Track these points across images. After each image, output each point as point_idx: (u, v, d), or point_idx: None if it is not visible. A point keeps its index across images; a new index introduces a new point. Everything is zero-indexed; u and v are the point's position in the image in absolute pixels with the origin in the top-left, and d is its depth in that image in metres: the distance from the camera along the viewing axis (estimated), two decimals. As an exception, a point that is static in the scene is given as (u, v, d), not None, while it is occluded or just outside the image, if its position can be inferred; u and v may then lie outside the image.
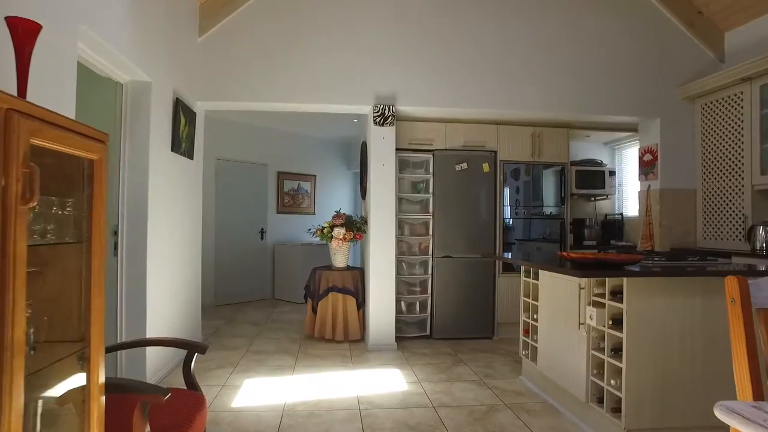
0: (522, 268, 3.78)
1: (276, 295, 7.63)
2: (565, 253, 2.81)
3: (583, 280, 2.77)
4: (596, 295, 2.69)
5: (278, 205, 7.83)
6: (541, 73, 4.87)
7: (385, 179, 4.71)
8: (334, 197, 8.75)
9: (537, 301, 3.51)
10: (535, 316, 3.54)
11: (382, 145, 4.71)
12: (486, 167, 5.12)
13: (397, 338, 4.79)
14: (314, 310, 5.04)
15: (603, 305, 2.62)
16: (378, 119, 4.66)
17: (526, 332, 3.70)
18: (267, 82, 4.59)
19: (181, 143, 4.06)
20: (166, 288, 3.82)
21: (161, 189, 3.66)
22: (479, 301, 5.10)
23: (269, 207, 7.70)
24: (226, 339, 4.99)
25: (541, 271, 3.43)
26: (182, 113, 4.03)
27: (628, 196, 6.09)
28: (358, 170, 9.10)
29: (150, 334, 3.46)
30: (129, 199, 3.41)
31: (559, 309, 3.11)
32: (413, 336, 5.08)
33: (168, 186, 3.83)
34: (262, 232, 7.54)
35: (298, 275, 7.15)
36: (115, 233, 3.39)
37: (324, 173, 8.62)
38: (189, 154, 4.30)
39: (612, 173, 5.78)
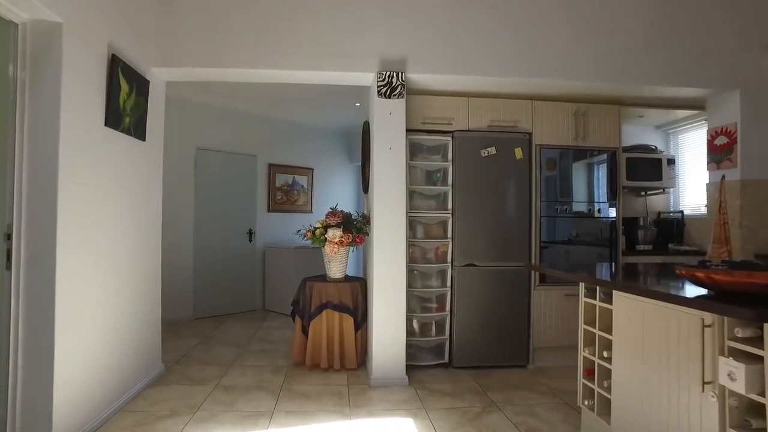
0: (581, 284, 2.74)
1: (266, 306, 6.63)
2: (686, 270, 1.78)
3: (710, 315, 1.74)
4: (741, 339, 1.66)
5: (269, 202, 6.83)
6: (594, 32, 3.83)
7: (393, 167, 3.69)
8: (335, 194, 7.73)
9: (607, 331, 2.48)
10: (605, 354, 2.51)
11: (388, 122, 3.69)
12: (519, 153, 4.09)
13: (408, 366, 3.77)
14: (305, 332, 4.04)
15: (758, 358, 1.59)
16: (383, 90, 3.64)
17: (589, 374, 2.67)
18: (241, 43, 3.58)
19: (123, 117, 3.06)
20: (94, 310, 2.82)
21: (84, 177, 2.67)
22: (510, 321, 4.07)
23: (259, 204, 6.70)
24: (194, 368, 3.99)
25: (616, 292, 2.40)
26: (123, 77, 3.03)
27: (685, 188, 5.04)
28: (359, 163, 8.10)
29: (63, 375, 2.46)
30: (29, 190, 2.41)
31: (656, 351, 2.08)
32: (428, 365, 4.05)
33: (99, 173, 2.84)
34: (251, 233, 6.54)
35: (291, 283, 6.12)
36: (8, 237, 2.39)
37: (323, 166, 7.61)
38: (138, 132, 3.30)
39: (671, 162, 4.72)
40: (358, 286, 4.05)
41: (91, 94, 2.74)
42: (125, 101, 3.07)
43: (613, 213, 4.29)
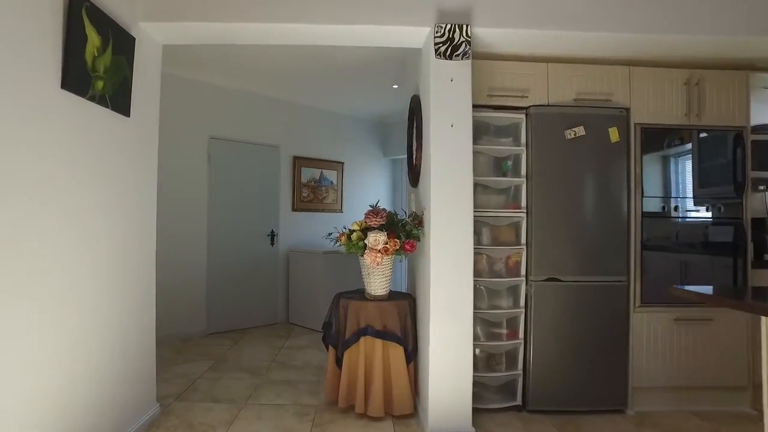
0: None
1: (291, 319, 5.79)
2: None
3: None
4: None
5: (294, 200, 5.99)
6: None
7: (456, 151, 2.78)
8: (368, 191, 6.87)
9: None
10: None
11: (449, 92, 2.79)
12: (614, 134, 3.13)
13: (472, 410, 2.86)
14: (338, 363, 3.17)
15: None
16: (442, 48, 2.74)
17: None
18: (256, -12, 2.73)
19: (91, 80, 2.24)
20: (52, 336, 2.00)
21: (18, 161, 1.85)
22: (603, 352, 3.12)
23: (282, 203, 5.87)
24: (197, 407, 3.16)
25: None
26: (91, 24, 2.20)
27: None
28: (395, 156, 7.31)
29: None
30: None
31: None
32: (496, 408, 3.13)
33: (50, 154, 2.02)
34: (273, 235, 5.71)
35: (319, 294, 5.31)
36: None
37: (354, 160, 6.75)
38: (117, 104, 2.48)
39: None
40: (407, 305, 3.16)
41: (34, 42, 1.92)
42: (95, 59, 2.25)
43: (738, 212, 3.29)
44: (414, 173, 3.37)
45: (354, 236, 3.04)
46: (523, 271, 3.14)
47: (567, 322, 3.10)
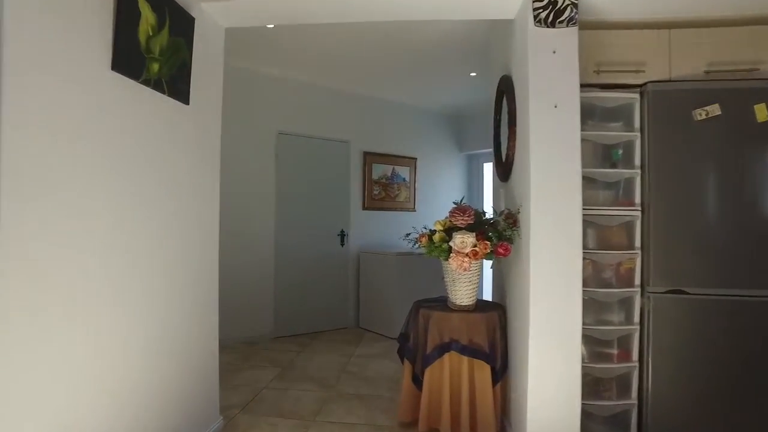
0: None
1: (361, 323, 5.50)
2: None
3: None
4: None
5: (365, 197, 5.69)
6: None
7: (561, 136, 2.31)
8: (442, 189, 6.46)
9: None
10: None
11: (552, 66, 2.33)
12: (761, 112, 2.52)
13: (577, 449, 2.39)
14: (417, 381, 2.80)
15: None
16: (543, 14, 2.29)
17: None
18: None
19: (146, 61, 2.00)
20: (95, 349, 1.76)
21: (64, 153, 1.61)
22: (746, 385, 2.53)
23: (352, 201, 5.58)
24: (263, 422, 2.89)
25: None
26: (146, 1, 1.96)
27: None
28: (471, 151, 6.83)
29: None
30: None
31: None
32: (605, 443, 2.63)
33: (95, 148, 1.78)
34: (342, 235, 5.44)
35: (392, 297, 4.97)
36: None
37: (427, 156, 6.35)
38: (175, 90, 2.25)
39: None
40: (496, 318, 2.73)
41: (83, 14, 1.69)
42: (150, 39, 2.01)
43: None
44: (504, 166, 2.92)
45: (437, 237, 2.65)
46: (637, 281, 2.62)
47: (696, 345, 2.54)
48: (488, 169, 6.72)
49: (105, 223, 1.82)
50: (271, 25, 3.77)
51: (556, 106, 2.30)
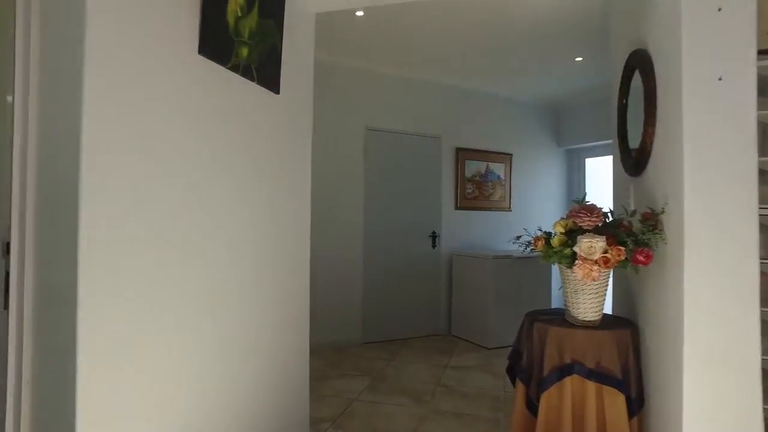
0: None
1: (453, 331, 5.15)
2: None
3: None
4: None
5: (457, 197, 5.33)
6: None
7: (728, 116, 1.84)
8: (539, 187, 5.96)
9: None
10: None
11: (716, 28, 1.86)
12: None
13: None
14: (531, 407, 2.42)
15: None
16: (702, -36, 1.83)
17: None
18: None
19: (234, 44, 1.81)
20: (182, 356, 1.58)
21: (151, 144, 1.45)
22: None
23: (444, 200, 5.25)
24: (356, 441, 2.66)
25: None
26: (236, -26, 1.78)
27: None
28: (571, 146, 6.19)
29: None
30: (40, 164, 1.25)
31: None
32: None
33: (192, 133, 1.61)
34: (434, 236, 5.13)
35: (488, 303, 4.59)
36: (7, 251, 1.25)
37: (523, 151, 5.87)
38: (265, 77, 2.05)
39: None
40: (629, 337, 2.28)
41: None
42: (238, 20, 1.82)
43: None
44: (636, 157, 2.45)
45: (555, 241, 2.25)
46: (821, 298, 2.06)
47: None
48: (591, 164, 6.11)
49: (196, 221, 1.64)
50: (360, 13, 3.57)
51: (720, 79, 1.83)
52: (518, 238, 2.46)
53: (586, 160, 6.14)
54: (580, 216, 2.19)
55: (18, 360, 1.33)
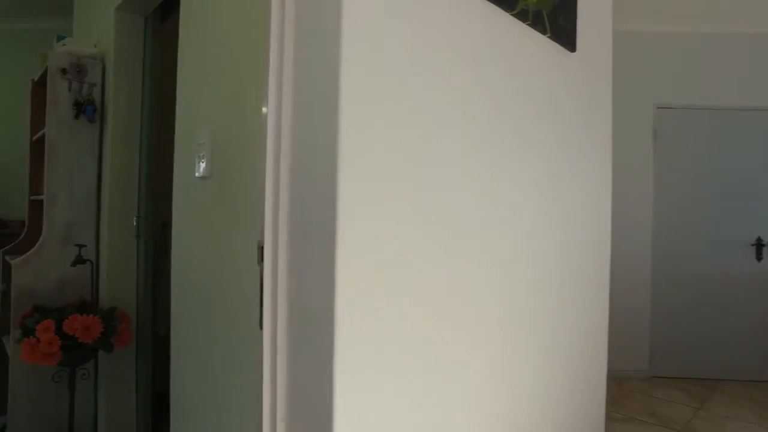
0: None
1: (788, 376, 3.72)
2: None
3: None
4: None
5: (796, 191, 3.85)
6: None
7: None
8: None
9: None
10: None
11: None
12: None
13: None
14: None
15: None
16: None
17: None
18: None
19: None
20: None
21: (422, 119, 1.03)
22: None
23: (773, 194, 3.84)
24: None
25: None
26: None
27: None
28: None
29: None
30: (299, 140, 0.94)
31: None
32: None
33: (486, 104, 1.17)
34: (760, 245, 3.76)
35: None
36: (261, 258, 0.98)
37: None
38: (557, 29, 1.49)
39: None
40: None
41: None
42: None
43: None
44: None
45: None
46: None
47: None
48: None
49: (476, 211, 1.19)
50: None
51: None
52: None
53: None
54: None
55: (272, 394, 1.07)
